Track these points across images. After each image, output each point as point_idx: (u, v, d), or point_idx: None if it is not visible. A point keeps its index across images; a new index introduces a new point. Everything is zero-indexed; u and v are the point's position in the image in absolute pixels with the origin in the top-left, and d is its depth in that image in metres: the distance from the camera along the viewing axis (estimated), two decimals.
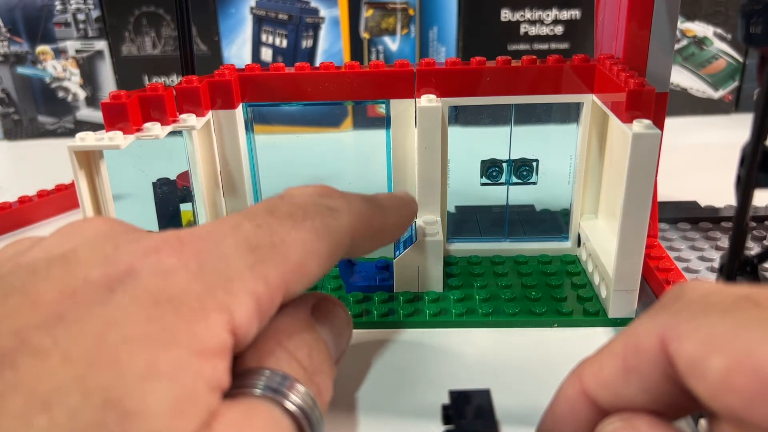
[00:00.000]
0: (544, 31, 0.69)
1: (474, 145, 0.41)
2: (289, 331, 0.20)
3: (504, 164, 0.41)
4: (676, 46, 0.70)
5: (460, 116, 0.39)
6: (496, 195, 0.42)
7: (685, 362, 0.15)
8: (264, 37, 0.70)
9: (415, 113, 0.38)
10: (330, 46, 0.70)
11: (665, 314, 0.17)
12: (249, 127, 0.40)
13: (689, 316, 0.16)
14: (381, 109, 0.39)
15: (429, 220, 0.38)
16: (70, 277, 0.16)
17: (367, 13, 0.69)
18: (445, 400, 0.23)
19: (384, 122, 0.39)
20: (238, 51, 0.71)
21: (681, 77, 0.73)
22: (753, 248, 0.41)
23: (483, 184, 0.41)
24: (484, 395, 0.23)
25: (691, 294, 0.17)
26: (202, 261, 0.17)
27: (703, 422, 0.23)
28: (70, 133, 0.73)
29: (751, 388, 0.14)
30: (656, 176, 0.34)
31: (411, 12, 0.69)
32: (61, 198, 0.53)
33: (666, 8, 0.35)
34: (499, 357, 0.33)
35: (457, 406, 0.23)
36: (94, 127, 0.72)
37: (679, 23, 0.62)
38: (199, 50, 0.69)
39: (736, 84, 0.73)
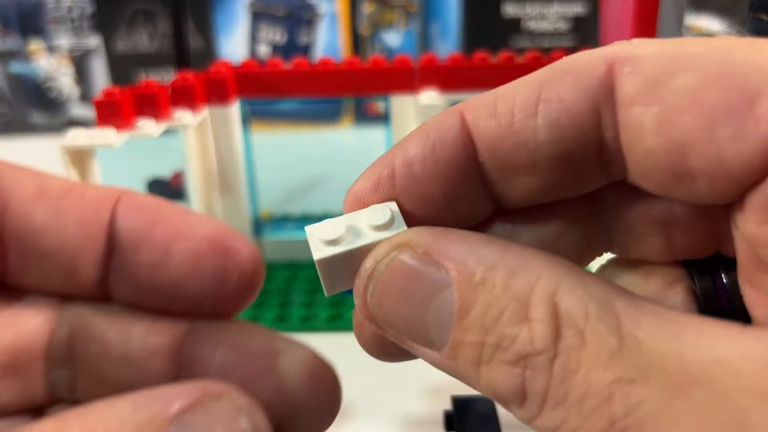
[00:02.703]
0: (548, 26, 0.68)
1: None
2: None
3: None
4: None
5: None
6: None
7: (641, 81, 0.12)
8: (261, 33, 0.70)
9: (416, 110, 0.37)
10: (329, 41, 0.69)
11: (614, 46, 0.13)
12: (245, 124, 0.39)
13: (651, 42, 0.13)
14: (380, 107, 0.38)
15: None
16: None
17: (367, 8, 0.68)
18: (448, 406, 0.22)
19: (383, 120, 0.38)
20: (234, 46, 0.70)
21: None
22: None
23: None
24: (488, 402, 0.22)
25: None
26: None
27: None
28: (63, 130, 0.72)
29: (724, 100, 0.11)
30: None
31: (412, 7, 0.68)
32: None
33: (673, 1, 0.34)
34: None
35: (460, 412, 0.22)
36: (87, 124, 0.71)
37: (685, 18, 0.61)
38: (194, 46, 0.68)
39: None
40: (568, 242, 0.16)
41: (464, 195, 0.14)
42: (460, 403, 0.23)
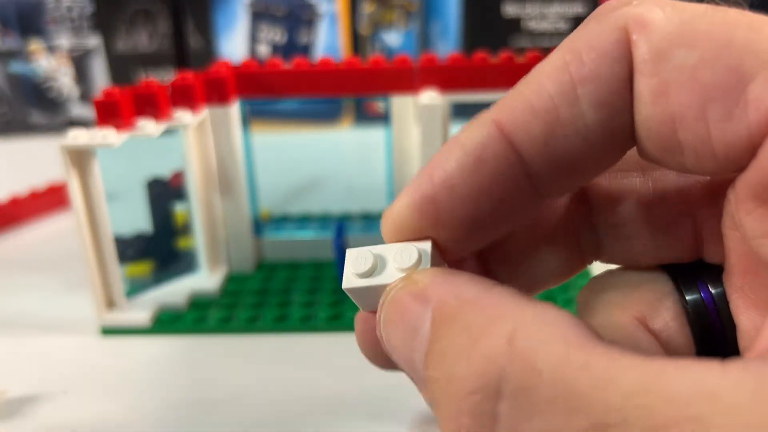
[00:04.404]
0: (549, 26, 0.68)
1: None
2: None
3: None
4: None
5: (462, 113, 0.38)
6: None
7: (645, 52, 0.12)
8: (261, 33, 0.70)
9: (416, 110, 0.37)
10: (329, 41, 0.69)
11: (624, 6, 0.13)
12: (245, 124, 0.39)
13: (661, 3, 0.13)
14: (380, 107, 0.38)
15: None
16: None
17: (368, 8, 0.68)
18: None
19: (383, 120, 0.38)
20: (234, 46, 0.70)
21: None
22: None
23: None
24: None
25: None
26: None
27: None
28: (63, 130, 0.72)
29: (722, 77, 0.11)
30: None
31: (412, 7, 0.68)
32: (54, 197, 0.52)
33: None
34: None
35: None
36: (87, 124, 0.71)
37: None
38: (194, 46, 0.68)
39: None
40: (559, 249, 0.16)
41: (511, 204, 0.14)
42: None
